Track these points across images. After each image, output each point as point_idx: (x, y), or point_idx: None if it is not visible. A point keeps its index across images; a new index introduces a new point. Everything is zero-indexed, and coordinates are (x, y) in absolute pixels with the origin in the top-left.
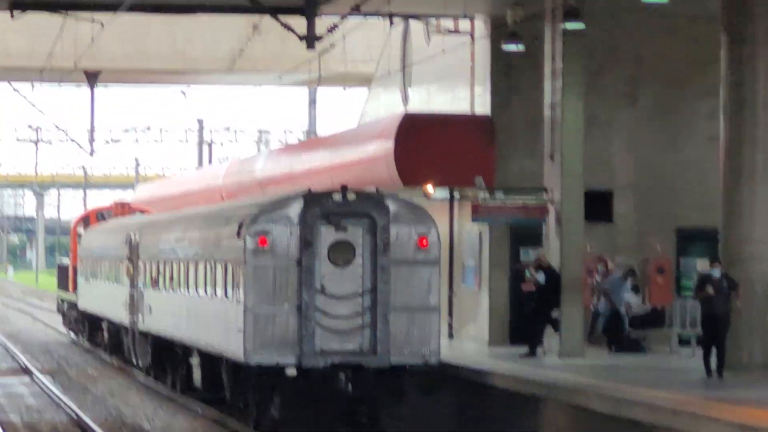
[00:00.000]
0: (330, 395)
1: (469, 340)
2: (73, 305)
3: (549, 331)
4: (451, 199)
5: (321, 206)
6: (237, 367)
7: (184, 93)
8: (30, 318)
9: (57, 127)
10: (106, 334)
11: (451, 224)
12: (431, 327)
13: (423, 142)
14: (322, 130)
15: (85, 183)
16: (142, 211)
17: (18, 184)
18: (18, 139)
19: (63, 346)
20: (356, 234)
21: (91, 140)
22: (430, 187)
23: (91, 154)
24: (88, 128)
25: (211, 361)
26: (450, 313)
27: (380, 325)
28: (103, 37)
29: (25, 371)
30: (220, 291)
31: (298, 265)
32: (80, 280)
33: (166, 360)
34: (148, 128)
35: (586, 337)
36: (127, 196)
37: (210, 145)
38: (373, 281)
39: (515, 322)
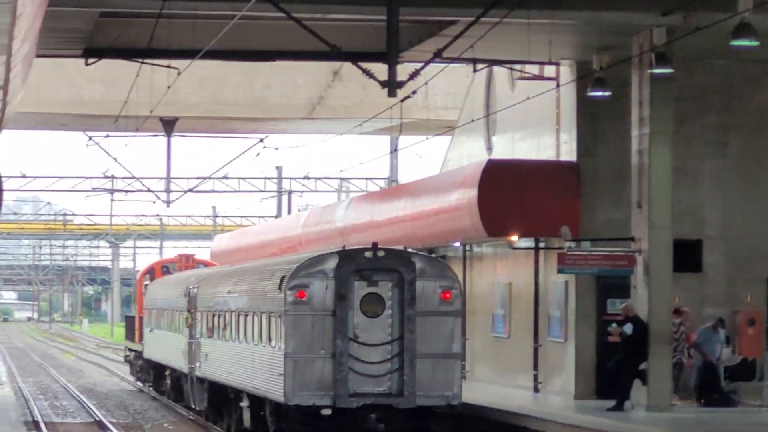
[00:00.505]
0: None
1: (555, 393)
2: (139, 355)
3: (637, 384)
4: (536, 248)
5: (354, 262)
6: (279, 408)
7: (262, 140)
8: (104, 371)
9: (132, 176)
10: (168, 381)
11: (536, 274)
12: (454, 372)
13: (507, 190)
14: (404, 178)
15: (161, 233)
16: (206, 264)
17: (93, 234)
18: (93, 189)
19: (139, 399)
20: (386, 288)
21: (168, 190)
22: (515, 237)
23: (168, 203)
24: (165, 177)
25: (258, 403)
26: (535, 366)
27: (407, 370)
28: (180, 84)
29: (100, 426)
30: (264, 339)
31: (333, 315)
32: (145, 330)
33: (221, 403)
34: (226, 176)
35: (674, 389)
36: (203, 246)
37: (289, 194)
38: (400, 330)
39: (602, 375)
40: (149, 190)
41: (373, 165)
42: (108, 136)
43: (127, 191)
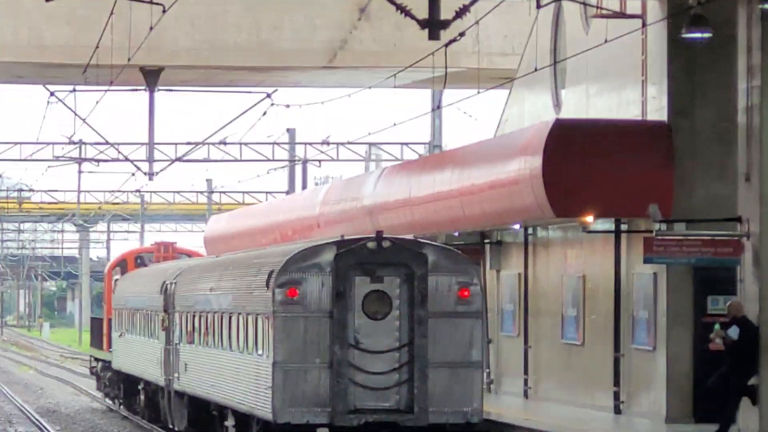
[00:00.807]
0: None
1: (641, 415)
2: (107, 365)
3: (745, 403)
4: (617, 233)
5: (355, 255)
6: (267, 427)
7: (269, 96)
8: (71, 388)
9: (106, 141)
10: (142, 397)
11: (616, 265)
12: (473, 383)
13: (580, 159)
14: (450, 143)
15: (142, 214)
16: (190, 255)
17: (56, 216)
18: (56, 158)
19: (115, 424)
20: (392, 284)
21: (150, 159)
22: (590, 218)
23: (150, 176)
24: (146, 143)
25: (246, 421)
26: (616, 382)
27: (418, 381)
28: (165, 25)
29: None
30: (250, 345)
31: (330, 317)
32: (114, 335)
33: (204, 422)
34: (224, 141)
35: None
36: (195, 231)
37: (304, 164)
38: (410, 335)
39: (701, 393)
40: (127, 159)
41: (410, 127)
42: (75, 90)
43: (98, 161)
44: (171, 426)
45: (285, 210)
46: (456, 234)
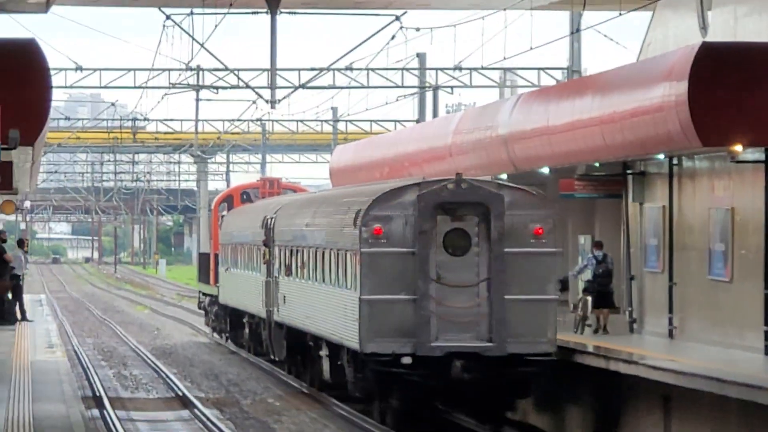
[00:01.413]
0: (447, 384)
1: None
2: (215, 300)
3: None
4: None
5: (436, 195)
6: (355, 357)
7: (398, 19)
8: (188, 329)
9: (225, 67)
10: (247, 330)
11: (767, 197)
12: (548, 316)
13: (729, 84)
14: (589, 69)
15: (264, 144)
16: (295, 190)
17: (172, 146)
18: (172, 85)
19: (234, 365)
20: (472, 223)
21: (272, 85)
22: (739, 147)
23: (272, 104)
24: (268, 69)
25: (337, 352)
26: (767, 321)
27: (497, 314)
28: None
29: (183, 402)
30: (340, 280)
31: (413, 254)
32: (220, 270)
33: (301, 353)
34: (350, 67)
35: None
36: (320, 161)
37: (435, 90)
38: (489, 270)
39: None
40: (247, 86)
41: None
42: (192, 14)
43: (217, 88)
44: (272, 356)
45: (415, 139)
46: (596, 165)
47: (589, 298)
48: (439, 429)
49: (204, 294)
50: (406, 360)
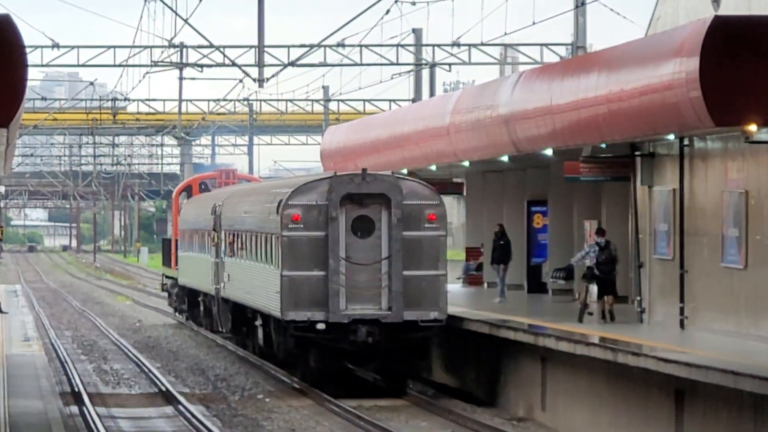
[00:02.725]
0: (354, 346)
1: None
2: (176, 282)
3: None
4: None
5: (344, 187)
6: (279, 324)
7: None
8: (172, 321)
9: (210, 44)
10: (201, 308)
11: None
12: (439, 289)
13: (742, 60)
14: (595, 44)
15: (251, 125)
16: (249, 180)
17: (155, 128)
18: (154, 62)
19: (220, 360)
20: (375, 210)
21: (260, 63)
22: (753, 127)
23: (260, 82)
24: (255, 45)
25: (267, 321)
26: None
27: (395, 287)
28: None
29: (167, 398)
30: (268, 258)
31: (325, 237)
32: (180, 254)
33: (243, 324)
34: (341, 44)
35: None
36: (311, 143)
37: (431, 68)
38: (389, 250)
39: None
40: (234, 64)
41: (550, 26)
42: None
43: (202, 66)
44: (220, 329)
45: (411, 120)
46: (603, 146)
47: (591, 286)
48: (351, 386)
49: (166, 277)
50: (320, 326)
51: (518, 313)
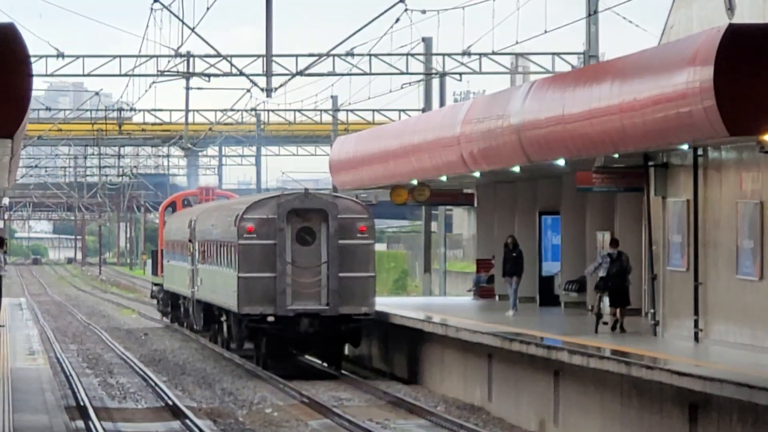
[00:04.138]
0: (298, 336)
1: None
2: (161, 288)
3: None
4: None
5: (290, 203)
6: (236, 317)
7: (403, 0)
8: (179, 335)
9: (218, 53)
10: (182, 310)
11: None
12: (368, 288)
13: (757, 69)
14: (608, 53)
15: (259, 135)
16: (228, 197)
17: (161, 138)
18: (161, 72)
19: (227, 373)
20: (316, 223)
21: (268, 72)
22: None
23: (268, 92)
24: (263, 55)
25: (228, 316)
26: None
27: (332, 286)
28: None
29: (174, 412)
30: (228, 263)
31: (274, 245)
32: (165, 263)
33: (212, 321)
34: (351, 53)
35: None
36: (319, 154)
37: (442, 77)
38: (327, 256)
39: None
40: (241, 74)
41: (562, 35)
42: None
43: (209, 75)
44: (195, 327)
45: (421, 130)
46: (615, 156)
47: (602, 296)
48: (295, 369)
49: (155, 284)
50: (270, 318)
51: (530, 326)
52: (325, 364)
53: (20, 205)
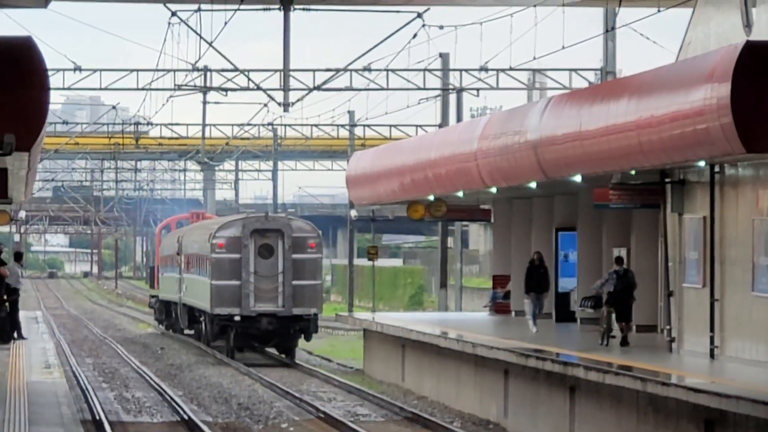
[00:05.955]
0: (259, 332)
1: None
2: (157, 298)
3: None
4: None
5: (253, 224)
6: (209, 316)
7: (420, 16)
8: (195, 349)
9: (235, 68)
10: (174, 315)
11: None
12: (316, 293)
13: None
14: (625, 69)
15: (275, 150)
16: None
17: (178, 152)
18: (178, 86)
19: (243, 388)
20: (274, 240)
21: (285, 87)
22: None
23: (285, 107)
24: (281, 69)
25: (205, 316)
26: None
27: (287, 292)
28: None
29: (190, 426)
30: (204, 272)
31: (240, 258)
32: (160, 276)
33: (195, 322)
34: (368, 68)
35: None
36: (335, 169)
37: (459, 93)
38: (284, 267)
39: None
40: (258, 88)
41: (579, 51)
42: (200, 10)
43: (226, 90)
44: (182, 327)
45: (437, 145)
46: (632, 173)
47: (611, 311)
48: (257, 358)
49: (152, 296)
50: (237, 317)
51: (546, 342)
52: (283, 356)
53: (36, 219)
